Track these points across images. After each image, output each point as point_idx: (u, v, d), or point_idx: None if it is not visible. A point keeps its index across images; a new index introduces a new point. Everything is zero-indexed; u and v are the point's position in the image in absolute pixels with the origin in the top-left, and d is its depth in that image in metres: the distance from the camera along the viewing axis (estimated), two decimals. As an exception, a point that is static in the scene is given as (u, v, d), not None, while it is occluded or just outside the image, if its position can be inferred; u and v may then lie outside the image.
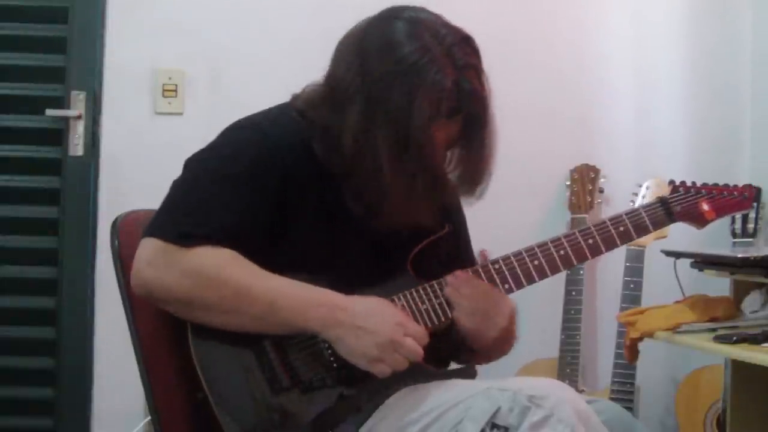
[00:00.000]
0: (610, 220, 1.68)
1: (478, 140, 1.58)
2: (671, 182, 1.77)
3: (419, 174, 1.52)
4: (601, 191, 2.86)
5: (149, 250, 1.51)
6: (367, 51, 1.52)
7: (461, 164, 1.59)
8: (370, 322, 1.50)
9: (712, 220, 1.77)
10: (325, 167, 1.57)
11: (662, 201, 1.72)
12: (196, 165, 1.58)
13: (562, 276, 2.77)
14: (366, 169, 1.51)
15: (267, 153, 1.55)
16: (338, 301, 1.52)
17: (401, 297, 1.59)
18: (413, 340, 1.51)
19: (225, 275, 1.50)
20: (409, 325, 1.53)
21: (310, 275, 1.55)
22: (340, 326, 1.50)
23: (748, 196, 1.82)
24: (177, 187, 1.57)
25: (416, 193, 1.53)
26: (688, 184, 1.77)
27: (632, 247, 2.71)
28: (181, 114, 2.85)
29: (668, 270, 2.19)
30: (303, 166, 1.57)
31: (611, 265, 2.84)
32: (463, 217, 1.83)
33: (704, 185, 1.78)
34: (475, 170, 1.60)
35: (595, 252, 1.65)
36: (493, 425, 1.41)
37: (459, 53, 1.52)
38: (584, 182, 2.84)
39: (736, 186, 1.82)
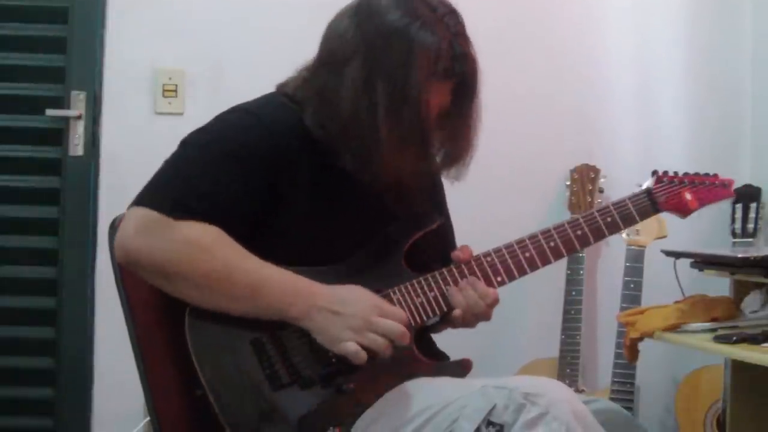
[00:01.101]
0: (598, 211, 1.70)
1: (466, 109, 1.61)
2: (654, 172, 1.79)
3: (413, 130, 1.53)
4: (601, 191, 2.86)
5: (137, 218, 1.52)
6: (361, 16, 1.56)
7: (448, 133, 1.61)
8: (345, 309, 1.51)
9: (695, 209, 1.79)
10: (318, 149, 1.58)
11: (647, 192, 1.75)
12: (189, 144, 1.59)
13: (562, 276, 2.77)
14: (363, 124, 1.52)
15: (258, 135, 1.56)
16: (316, 289, 1.53)
17: (396, 291, 1.60)
18: (391, 320, 1.52)
19: (213, 251, 1.50)
20: (385, 306, 1.54)
21: (303, 264, 1.56)
22: (318, 313, 1.51)
23: (728, 184, 1.84)
24: (169, 163, 1.58)
25: (408, 148, 1.54)
26: (671, 173, 1.79)
27: (632, 247, 2.71)
28: (181, 114, 2.85)
29: (668, 270, 2.19)
30: (296, 148, 1.58)
31: (611, 265, 2.85)
32: (448, 211, 1.85)
33: (686, 174, 1.80)
34: (460, 141, 1.62)
35: (584, 243, 1.68)
36: (489, 423, 1.41)
37: (451, 21, 1.56)
38: (584, 182, 2.84)
39: (716, 175, 1.84)
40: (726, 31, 3.00)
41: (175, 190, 1.53)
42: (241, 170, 1.54)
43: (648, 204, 1.73)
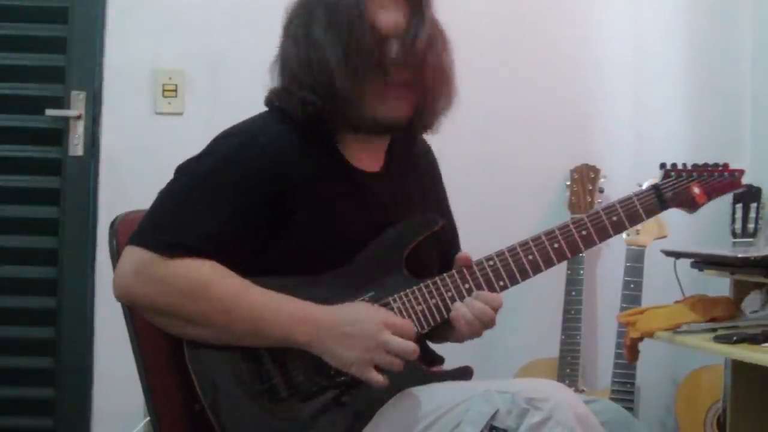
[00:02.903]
0: (604, 209, 1.66)
1: (420, 30, 1.58)
2: (662, 165, 1.74)
3: (360, 48, 1.54)
4: (601, 191, 2.86)
5: (133, 259, 1.50)
6: None
7: (412, 67, 1.58)
8: (355, 329, 1.50)
9: (703, 204, 1.74)
10: (319, 159, 1.58)
11: (655, 188, 1.71)
12: (183, 174, 1.57)
13: (562, 276, 2.77)
14: (314, 58, 1.56)
15: (257, 161, 1.55)
16: (320, 314, 1.51)
17: (396, 299, 1.58)
18: (401, 337, 1.50)
19: (209, 290, 1.49)
20: (393, 321, 1.52)
21: (308, 276, 1.55)
22: (326, 339, 1.50)
23: (738, 175, 1.79)
24: (164, 196, 1.56)
25: (361, 68, 1.54)
26: (679, 167, 1.74)
27: (632, 247, 2.71)
28: (181, 114, 2.85)
29: (668, 270, 2.19)
30: (297, 168, 1.57)
31: (611, 265, 2.85)
32: (450, 212, 1.83)
33: (694, 166, 1.75)
34: (419, 68, 1.59)
35: (589, 243, 1.64)
36: (492, 427, 1.40)
37: None
38: (584, 182, 2.84)
39: (726, 165, 1.79)
40: (726, 31, 3.00)
41: (170, 227, 1.51)
42: (237, 199, 1.53)
43: (655, 201, 1.69)
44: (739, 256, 2.07)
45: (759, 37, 2.96)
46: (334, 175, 1.61)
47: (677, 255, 2.17)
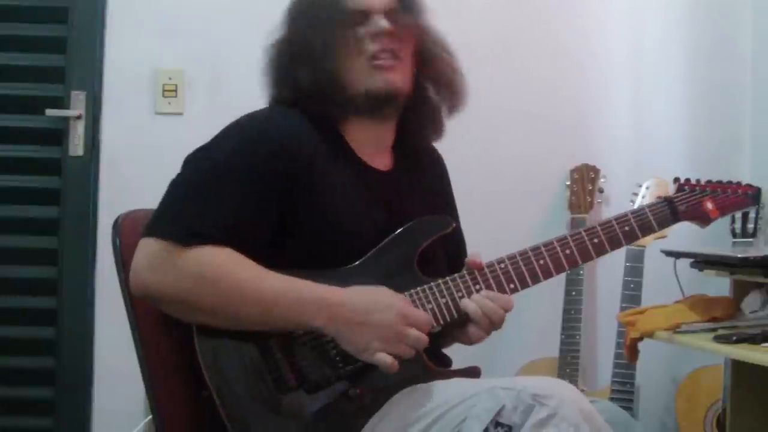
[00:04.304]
0: (616, 219, 1.68)
1: (405, 5, 1.68)
2: (676, 180, 1.77)
3: (336, 26, 1.63)
4: (601, 191, 2.86)
5: (147, 251, 1.51)
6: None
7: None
8: (373, 317, 1.50)
9: (715, 219, 1.77)
10: (330, 156, 1.59)
11: (668, 200, 1.72)
12: (194, 164, 1.58)
13: (562, 276, 2.76)
14: (301, 48, 1.66)
15: (270, 149, 1.56)
16: (338, 297, 1.52)
17: (407, 296, 1.58)
18: (417, 329, 1.52)
19: (224, 277, 1.49)
20: (411, 313, 1.53)
21: (321, 270, 1.55)
22: (343, 323, 1.50)
23: (752, 194, 1.81)
24: (175, 186, 1.56)
25: (341, 47, 1.62)
26: (693, 182, 1.77)
27: (632, 247, 2.71)
28: (181, 114, 2.85)
29: (668, 270, 2.19)
30: (309, 156, 1.58)
31: (611, 265, 2.84)
32: (458, 218, 1.84)
33: (708, 182, 1.78)
34: (405, 39, 1.65)
35: (600, 251, 1.66)
36: (497, 423, 1.41)
37: None
38: (584, 182, 2.84)
39: (739, 183, 1.81)
40: (726, 31, 3.00)
41: (183, 217, 1.52)
42: (248, 187, 1.53)
43: (668, 213, 1.71)
44: (739, 256, 2.07)
45: (759, 37, 2.96)
46: (345, 166, 1.62)
47: (677, 255, 2.17)
